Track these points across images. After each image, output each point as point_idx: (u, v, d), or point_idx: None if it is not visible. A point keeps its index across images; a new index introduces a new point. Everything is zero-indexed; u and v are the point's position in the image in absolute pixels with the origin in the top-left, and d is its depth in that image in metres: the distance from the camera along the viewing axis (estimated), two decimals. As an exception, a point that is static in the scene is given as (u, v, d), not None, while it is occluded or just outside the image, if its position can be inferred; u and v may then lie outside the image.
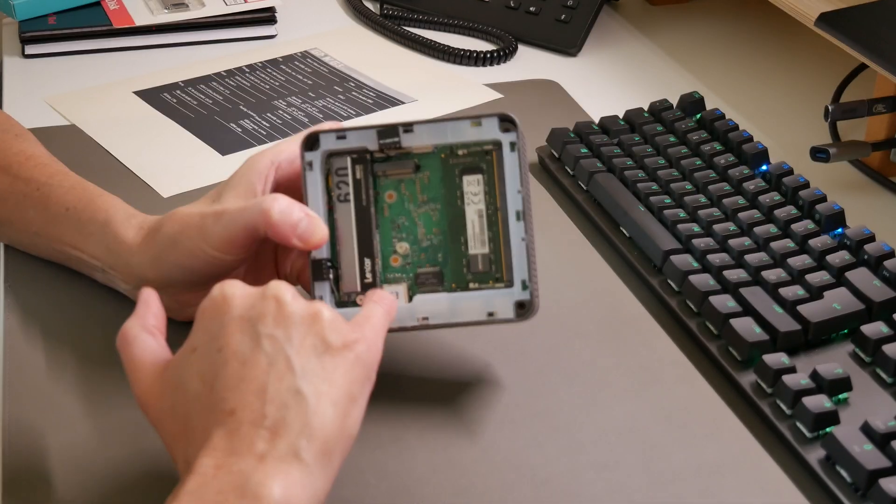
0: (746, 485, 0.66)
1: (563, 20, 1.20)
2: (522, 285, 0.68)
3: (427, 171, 0.70)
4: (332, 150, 0.69)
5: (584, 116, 1.04)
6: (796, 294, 0.77)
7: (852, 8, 0.97)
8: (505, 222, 0.69)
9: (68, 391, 0.72)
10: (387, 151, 0.69)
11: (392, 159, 0.70)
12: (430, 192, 0.70)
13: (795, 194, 0.86)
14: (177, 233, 0.72)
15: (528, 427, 0.70)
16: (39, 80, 1.12)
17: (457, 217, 0.69)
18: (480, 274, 0.68)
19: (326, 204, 0.69)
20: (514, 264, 0.68)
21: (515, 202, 0.69)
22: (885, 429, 0.66)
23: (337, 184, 0.69)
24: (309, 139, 0.70)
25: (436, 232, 0.70)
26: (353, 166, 0.69)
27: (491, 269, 0.68)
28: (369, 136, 0.69)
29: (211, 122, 1.04)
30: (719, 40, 1.23)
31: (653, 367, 0.75)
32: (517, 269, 0.68)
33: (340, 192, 0.69)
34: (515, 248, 0.68)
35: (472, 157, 0.70)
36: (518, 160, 0.69)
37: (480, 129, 0.70)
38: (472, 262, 0.69)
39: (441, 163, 0.70)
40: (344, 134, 0.70)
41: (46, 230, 0.79)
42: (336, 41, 1.21)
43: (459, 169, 0.69)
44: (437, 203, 0.70)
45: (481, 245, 0.69)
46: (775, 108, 1.10)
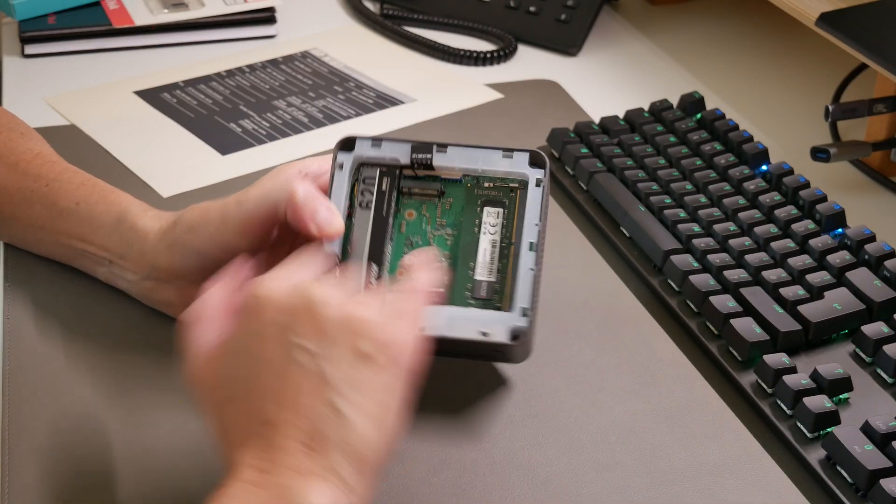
0: (746, 485, 0.66)
1: (563, 20, 1.20)
2: (522, 312, 0.68)
3: (451, 198, 0.70)
4: (365, 156, 0.70)
5: (584, 116, 1.04)
6: (797, 294, 0.77)
7: (852, 8, 0.97)
8: (517, 254, 0.69)
9: (69, 390, 0.72)
10: (416, 168, 0.70)
11: (419, 179, 0.70)
12: (450, 217, 0.70)
13: (796, 194, 0.86)
14: (197, 219, 0.72)
15: (528, 427, 0.70)
16: (39, 80, 1.12)
17: (470, 244, 0.69)
18: (482, 300, 0.68)
19: (347, 208, 0.70)
20: (517, 292, 0.68)
21: (531, 234, 0.69)
22: (885, 429, 0.66)
23: (362, 191, 0.70)
24: (346, 141, 0.70)
25: (447, 256, 0.70)
26: (381, 178, 0.70)
27: (493, 297, 0.68)
28: (403, 150, 0.70)
29: (211, 122, 1.04)
30: (719, 40, 1.23)
31: (653, 367, 0.75)
32: (520, 297, 0.68)
33: (363, 200, 0.70)
34: (522, 277, 0.68)
35: (497, 190, 0.70)
36: (541, 196, 0.69)
37: (511, 162, 0.70)
38: (476, 288, 0.69)
39: (466, 192, 0.70)
40: (380, 142, 0.70)
41: (53, 224, 0.79)
42: (336, 41, 1.21)
43: (482, 200, 0.70)
44: (454, 230, 0.70)
45: (488, 273, 0.69)
46: (775, 108, 1.10)
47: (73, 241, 0.79)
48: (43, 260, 0.83)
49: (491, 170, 0.70)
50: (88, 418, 0.70)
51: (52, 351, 0.76)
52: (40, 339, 0.77)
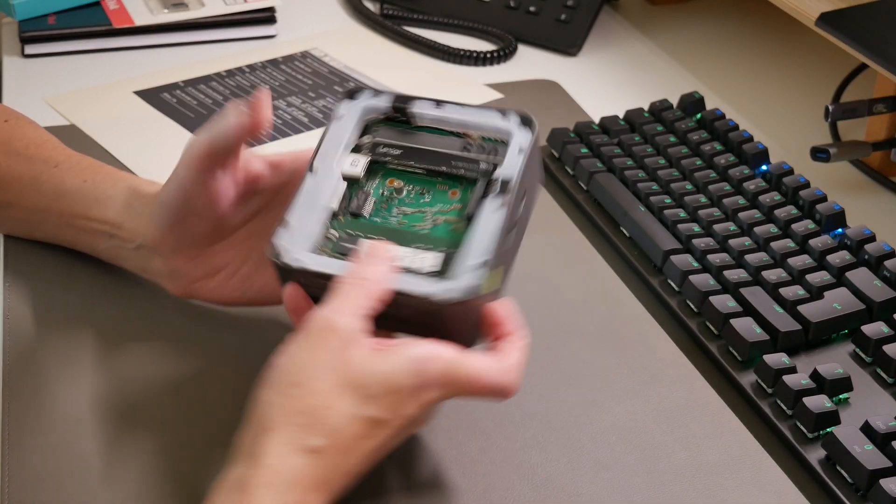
0: (746, 485, 0.66)
1: (563, 20, 1.20)
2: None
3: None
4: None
5: (584, 116, 1.04)
6: (797, 294, 0.77)
7: (852, 8, 0.97)
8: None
9: (69, 389, 0.72)
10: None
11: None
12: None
13: (796, 194, 0.86)
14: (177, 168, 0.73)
15: (528, 427, 0.70)
16: (39, 79, 1.12)
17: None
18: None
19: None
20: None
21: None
22: (885, 429, 0.66)
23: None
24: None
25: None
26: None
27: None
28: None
29: (211, 122, 1.04)
30: (719, 40, 1.23)
31: (653, 367, 0.75)
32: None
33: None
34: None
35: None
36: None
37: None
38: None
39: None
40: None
41: (57, 204, 0.80)
42: (336, 41, 1.21)
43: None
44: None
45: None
46: (775, 108, 1.10)
47: (76, 219, 0.79)
48: (42, 259, 0.83)
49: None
50: (88, 418, 0.70)
51: (52, 350, 0.76)
52: (40, 339, 0.77)
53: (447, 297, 0.63)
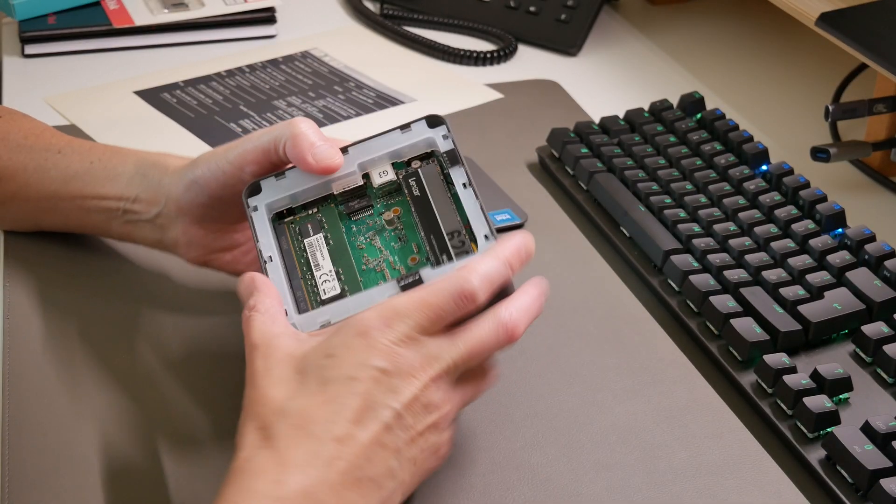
0: (746, 485, 0.66)
1: (563, 20, 1.20)
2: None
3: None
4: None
5: (584, 116, 1.04)
6: (797, 294, 0.77)
7: (852, 8, 0.97)
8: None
9: (69, 390, 0.72)
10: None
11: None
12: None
13: (796, 194, 0.86)
14: (206, 155, 0.74)
15: (528, 427, 0.70)
16: (39, 79, 1.12)
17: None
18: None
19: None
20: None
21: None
22: (885, 429, 0.66)
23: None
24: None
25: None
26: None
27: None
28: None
29: (211, 122, 1.04)
30: (719, 40, 1.23)
31: (653, 367, 0.75)
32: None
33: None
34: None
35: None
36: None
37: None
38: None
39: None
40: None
41: (66, 187, 0.81)
42: (336, 41, 1.21)
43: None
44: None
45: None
46: (775, 108, 1.10)
47: (87, 199, 0.80)
48: (43, 257, 0.83)
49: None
50: (88, 417, 0.70)
51: (52, 351, 0.76)
52: (40, 339, 0.77)
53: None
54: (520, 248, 0.67)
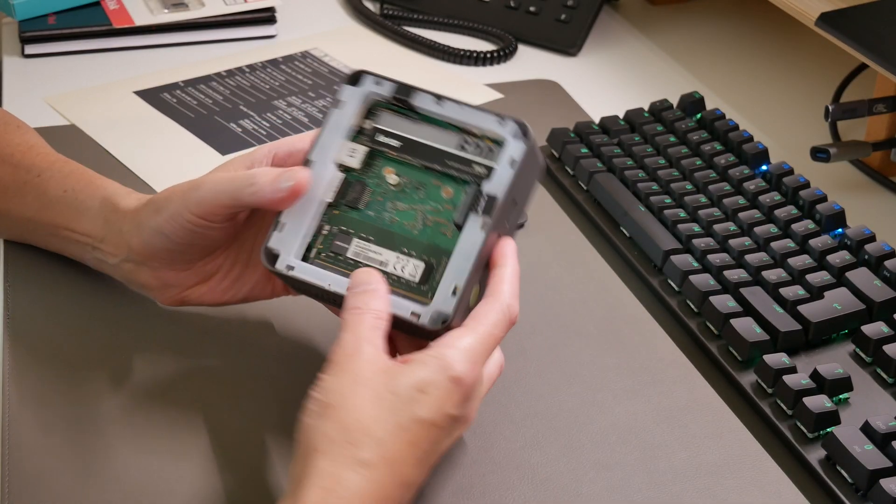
0: (746, 485, 0.66)
1: (563, 20, 1.20)
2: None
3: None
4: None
5: (584, 116, 1.04)
6: (797, 294, 0.77)
7: (852, 8, 0.97)
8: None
9: (69, 390, 0.72)
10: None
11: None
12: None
13: (796, 194, 0.86)
14: (162, 200, 0.72)
15: (528, 427, 0.70)
16: (39, 79, 1.12)
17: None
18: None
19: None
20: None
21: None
22: (885, 429, 0.66)
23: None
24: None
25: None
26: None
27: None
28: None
29: (211, 122, 1.04)
30: (719, 40, 1.23)
31: (653, 367, 0.75)
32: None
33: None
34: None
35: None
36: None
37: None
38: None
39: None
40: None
41: (42, 215, 0.80)
42: (336, 41, 1.21)
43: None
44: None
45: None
46: (775, 108, 1.10)
47: (60, 230, 0.79)
48: (43, 259, 0.83)
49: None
50: (88, 418, 0.70)
51: (52, 351, 0.76)
52: (40, 339, 0.77)
53: (427, 328, 0.65)
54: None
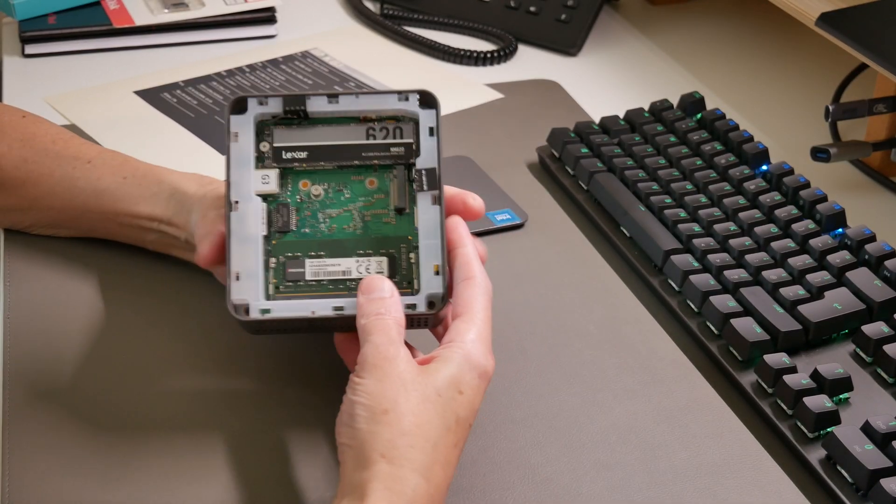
0: (746, 485, 0.66)
1: (563, 20, 1.20)
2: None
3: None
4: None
5: (584, 116, 1.04)
6: (797, 294, 0.77)
7: (852, 8, 0.97)
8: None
9: (69, 390, 0.72)
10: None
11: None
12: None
13: (796, 194, 0.86)
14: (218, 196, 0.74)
15: (528, 427, 0.70)
16: (39, 79, 1.12)
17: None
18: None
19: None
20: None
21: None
22: (885, 429, 0.66)
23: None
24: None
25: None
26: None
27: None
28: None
29: (211, 122, 1.04)
30: (719, 40, 1.23)
31: (653, 367, 0.75)
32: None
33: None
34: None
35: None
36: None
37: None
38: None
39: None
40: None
41: (96, 202, 0.81)
42: (336, 41, 1.21)
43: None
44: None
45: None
46: (775, 108, 1.10)
47: (120, 216, 0.81)
48: (43, 260, 0.83)
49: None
50: (88, 418, 0.70)
51: (52, 351, 0.76)
52: (40, 339, 0.77)
53: (427, 313, 0.66)
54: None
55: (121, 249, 0.84)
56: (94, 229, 0.83)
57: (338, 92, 0.69)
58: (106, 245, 0.84)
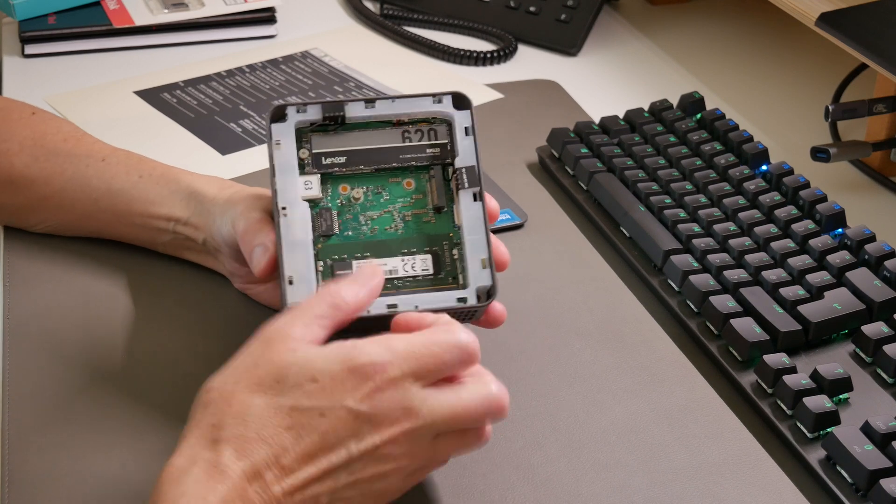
0: (746, 485, 0.66)
1: (563, 20, 1.20)
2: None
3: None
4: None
5: (584, 116, 1.04)
6: (797, 294, 0.77)
7: (852, 8, 0.97)
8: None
9: (69, 390, 0.72)
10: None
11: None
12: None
13: (796, 194, 0.86)
14: (240, 199, 0.74)
15: (528, 427, 0.70)
16: (39, 79, 1.12)
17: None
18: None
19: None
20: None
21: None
22: (885, 429, 0.66)
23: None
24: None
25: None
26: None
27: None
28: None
29: (211, 122, 1.04)
30: (719, 40, 1.23)
31: (653, 367, 0.75)
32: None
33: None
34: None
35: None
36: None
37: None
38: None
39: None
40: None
41: (109, 201, 0.80)
42: (336, 41, 1.21)
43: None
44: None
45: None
46: (775, 108, 1.10)
47: (134, 216, 0.80)
48: (43, 260, 0.83)
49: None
50: (88, 418, 0.70)
51: (52, 351, 0.76)
52: (40, 339, 0.77)
53: (478, 305, 0.67)
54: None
55: (121, 249, 0.84)
56: (102, 230, 0.82)
57: (375, 97, 0.71)
58: (106, 245, 0.84)
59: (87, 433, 0.69)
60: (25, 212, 0.84)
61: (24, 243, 0.85)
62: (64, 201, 0.82)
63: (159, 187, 0.79)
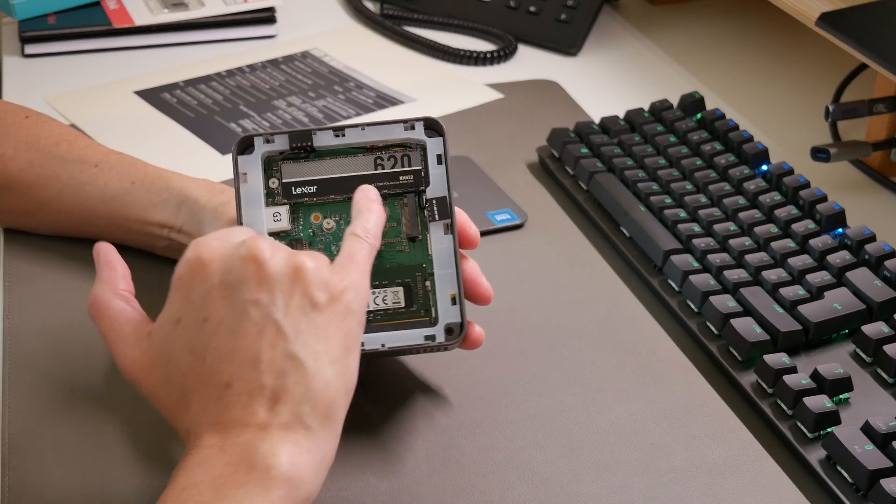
0: (746, 485, 0.66)
1: (563, 20, 1.20)
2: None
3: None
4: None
5: (584, 116, 1.04)
6: (797, 294, 0.77)
7: (852, 8, 0.97)
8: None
9: (69, 389, 0.72)
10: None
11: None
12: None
13: (796, 194, 0.86)
14: (212, 213, 0.74)
15: (528, 427, 0.70)
16: (39, 79, 1.12)
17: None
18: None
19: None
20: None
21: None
22: (886, 429, 0.66)
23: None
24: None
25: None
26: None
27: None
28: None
29: (211, 122, 1.04)
30: (719, 40, 1.23)
31: (653, 367, 0.75)
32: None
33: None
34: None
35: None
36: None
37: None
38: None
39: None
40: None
41: (104, 207, 0.80)
42: (336, 41, 1.21)
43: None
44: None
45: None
46: (775, 108, 1.10)
47: (129, 222, 0.80)
48: (43, 260, 0.83)
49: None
50: (88, 418, 0.70)
51: (52, 351, 0.76)
52: (40, 339, 0.77)
53: (446, 342, 0.67)
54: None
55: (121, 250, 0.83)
56: (101, 234, 0.82)
57: (344, 125, 0.69)
58: (106, 245, 0.84)
59: (87, 433, 0.69)
60: (24, 215, 0.84)
61: (24, 244, 0.85)
62: (62, 206, 0.82)
63: (151, 194, 0.79)
